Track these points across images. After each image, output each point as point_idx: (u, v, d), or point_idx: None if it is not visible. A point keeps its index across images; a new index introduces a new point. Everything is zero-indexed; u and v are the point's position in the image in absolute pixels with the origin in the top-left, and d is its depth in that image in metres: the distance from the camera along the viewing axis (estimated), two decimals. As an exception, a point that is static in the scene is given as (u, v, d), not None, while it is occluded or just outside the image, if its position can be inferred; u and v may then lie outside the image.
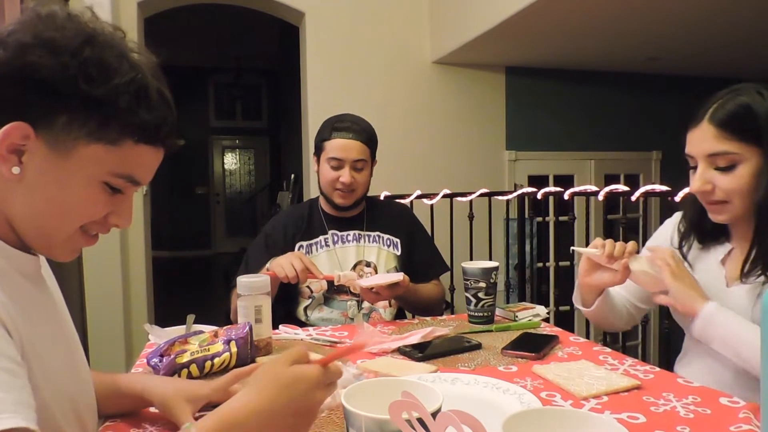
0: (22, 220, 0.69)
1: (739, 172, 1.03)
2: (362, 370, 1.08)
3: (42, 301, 0.76)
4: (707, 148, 1.05)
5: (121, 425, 0.89)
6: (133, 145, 0.68)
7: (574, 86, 4.13)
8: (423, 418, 0.55)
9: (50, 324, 0.76)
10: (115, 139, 0.67)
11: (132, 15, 3.22)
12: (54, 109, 0.64)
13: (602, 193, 2.40)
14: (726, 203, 1.07)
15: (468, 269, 1.46)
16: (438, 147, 3.77)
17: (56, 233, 0.70)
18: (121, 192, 0.71)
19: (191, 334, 1.16)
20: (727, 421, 0.85)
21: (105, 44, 0.66)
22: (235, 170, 9.66)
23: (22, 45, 0.63)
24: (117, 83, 0.65)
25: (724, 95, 1.06)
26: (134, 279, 3.29)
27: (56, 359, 0.73)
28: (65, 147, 0.65)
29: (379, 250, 1.74)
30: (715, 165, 1.05)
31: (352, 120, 1.71)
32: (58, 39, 0.64)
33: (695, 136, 1.07)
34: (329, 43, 3.57)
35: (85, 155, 0.66)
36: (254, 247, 1.76)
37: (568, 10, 2.69)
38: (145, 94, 0.67)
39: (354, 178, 1.67)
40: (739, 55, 3.75)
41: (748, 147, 1.02)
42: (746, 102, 1.03)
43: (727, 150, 1.03)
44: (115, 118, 0.66)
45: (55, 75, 0.63)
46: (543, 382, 1.03)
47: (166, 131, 0.71)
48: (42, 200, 0.67)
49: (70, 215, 0.69)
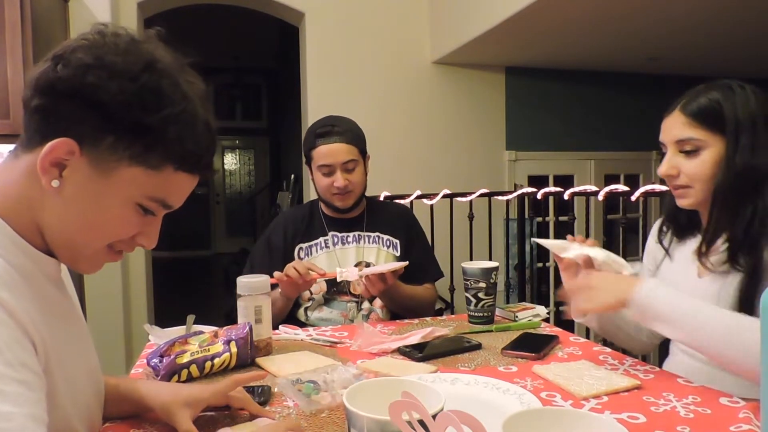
0: (53, 231, 0.69)
1: (702, 158, 1.09)
2: (362, 370, 1.08)
3: (64, 305, 0.77)
4: (676, 134, 1.12)
5: (121, 426, 0.89)
6: (173, 172, 0.70)
7: (574, 86, 4.13)
8: (423, 419, 0.55)
9: (71, 328, 0.77)
10: (157, 164, 0.68)
11: (132, 15, 3.22)
12: (103, 130, 0.65)
13: (602, 193, 2.40)
14: (689, 188, 1.12)
15: (468, 269, 1.46)
16: (438, 147, 3.77)
17: (84, 248, 0.71)
18: (153, 214, 0.73)
19: (191, 335, 1.16)
20: (727, 421, 0.85)
21: (163, 72, 0.67)
22: (235, 170, 9.66)
23: (85, 65, 0.64)
24: (168, 113, 0.66)
25: (700, 89, 1.13)
26: (134, 279, 3.29)
27: (77, 364, 0.74)
28: (107, 167, 0.67)
29: (378, 251, 1.74)
30: (681, 149, 1.12)
31: (333, 123, 1.69)
32: (119, 63, 0.65)
33: (667, 124, 1.15)
34: (329, 43, 3.56)
35: (125, 177, 0.68)
36: (257, 252, 1.76)
37: (568, 10, 2.69)
38: (192, 125, 0.69)
39: (347, 179, 1.66)
40: (738, 55, 3.75)
41: (713, 135, 1.08)
42: (717, 96, 1.09)
43: (693, 136, 1.09)
44: (161, 145, 0.67)
45: (111, 98, 0.64)
46: (543, 382, 1.03)
47: (207, 161, 0.73)
48: (76, 215, 0.68)
49: (101, 232, 0.70)
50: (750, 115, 1.06)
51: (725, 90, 1.09)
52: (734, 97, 1.07)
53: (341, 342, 1.33)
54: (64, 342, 0.72)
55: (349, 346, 1.29)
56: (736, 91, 1.08)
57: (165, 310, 3.76)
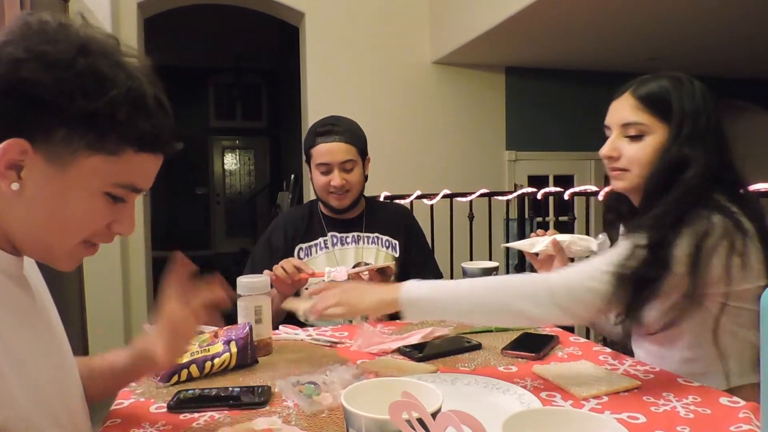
0: (23, 234, 0.68)
1: (644, 143, 1.10)
2: (362, 371, 1.08)
3: (24, 302, 0.74)
4: (623, 116, 1.12)
5: (121, 425, 0.89)
6: (134, 155, 0.67)
7: (574, 86, 4.13)
8: (423, 419, 0.55)
9: (33, 326, 0.74)
10: (115, 150, 0.66)
11: (132, 16, 3.22)
12: (51, 124, 0.63)
13: (602, 193, 2.40)
14: (627, 171, 1.13)
15: (468, 269, 1.45)
16: (438, 147, 3.77)
17: (58, 247, 0.69)
18: (123, 200, 0.70)
19: (191, 335, 1.16)
20: (727, 421, 0.85)
21: (99, 53, 0.65)
22: (235, 171, 9.66)
23: (15, 60, 0.62)
24: (114, 95, 0.63)
25: (650, 76, 1.14)
26: (134, 279, 3.29)
27: (39, 363, 0.72)
28: (64, 161, 0.64)
29: (377, 252, 1.74)
30: (626, 134, 1.13)
31: (333, 122, 1.70)
32: (50, 52, 0.62)
33: (614, 106, 1.16)
34: (329, 43, 3.57)
35: (85, 167, 0.65)
36: (257, 252, 1.76)
37: (568, 10, 2.70)
38: (143, 104, 0.66)
39: (345, 179, 1.66)
40: (738, 55, 3.76)
41: (658, 122, 1.09)
42: (666, 84, 1.10)
43: (638, 120, 1.10)
44: (114, 130, 0.65)
45: (50, 91, 0.62)
46: (543, 382, 1.03)
47: (166, 138, 0.70)
48: (43, 215, 0.66)
49: (72, 229, 0.68)
50: (695, 108, 1.07)
51: (674, 81, 1.10)
52: (682, 89, 1.09)
53: (341, 342, 1.33)
54: (25, 342, 0.69)
55: (349, 346, 1.29)
56: (685, 83, 1.10)
57: (165, 310, 3.76)
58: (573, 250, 1.29)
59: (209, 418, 0.90)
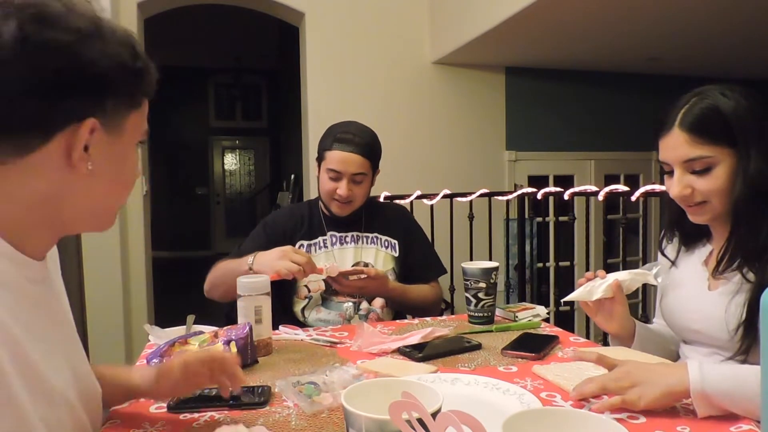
0: (83, 210, 0.70)
1: (715, 174, 1.04)
2: (362, 371, 1.08)
3: (49, 305, 0.74)
4: (682, 154, 1.05)
5: (121, 425, 0.89)
6: (145, 103, 0.74)
7: (574, 86, 4.13)
8: (423, 419, 0.55)
9: (55, 329, 0.73)
10: (140, 102, 0.72)
11: (132, 16, 3.22)
12: (104, 96, 0.67)
13: (602, 193, 2.40)
14: (706, 203, 1.07)
15: (468, 269, 1.46)
16: (438, 147, 3.77)
17: (118, 206, 0.76)
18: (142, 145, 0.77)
19: (191, 335, 1.16)
20: (727, 421, 0.85)
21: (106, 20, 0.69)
22: (235, 171, 9.66)
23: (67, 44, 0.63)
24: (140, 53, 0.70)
25: (689, 99, 1.07)
26: (134, 279, 3.29)
27: (58, 372, 0.70)
28: (117, 125, 0.69)
29: (377, 252, 1.74)
30: (691, 169, 1.06)
31: (355, 131, 1.68)
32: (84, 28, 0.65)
33: (668, 143, 1.08)
34: (329, 43, 3.57)
35: (129, 126, 0.71)
36: (253, 235, 1.78)
37: (568, 10, 2.70)
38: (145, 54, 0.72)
39: (351, 190, 1.66)
40: (739, 55, 3.75)
41: (721, 149, 1.03)
42: (713, 104, 1.04)
43: (702, 155, 1.03)
44: (140, 85, 0.71)
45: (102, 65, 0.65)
46: (543, 383, 1.03)
47: None
48: (105, 183, 0.70)
49: (130, 184, 0.75)
50: (753, 119, 1.02)
51: (718, 96, 1.04)
52: (730, 104, 1.03)
53: (341, 342, 1.33)
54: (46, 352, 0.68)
55: (349, 347, 1.29)
56: (729, 96, 1.03)
57: (165, 310, 3.76)
58: (631, 287, 1.20)
59: (209, 418, 0.90)
